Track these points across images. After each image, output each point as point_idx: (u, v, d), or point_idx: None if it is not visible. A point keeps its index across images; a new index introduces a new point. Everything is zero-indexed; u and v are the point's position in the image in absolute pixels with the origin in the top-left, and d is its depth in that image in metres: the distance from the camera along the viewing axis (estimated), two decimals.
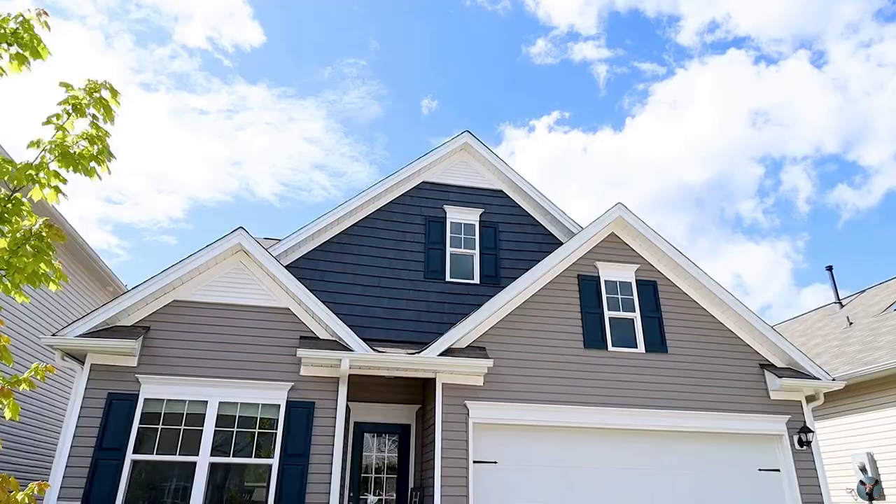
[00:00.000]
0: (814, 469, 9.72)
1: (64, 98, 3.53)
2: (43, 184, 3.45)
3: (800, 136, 46.29)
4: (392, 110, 47.47)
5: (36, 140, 3.45)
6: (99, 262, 12.80)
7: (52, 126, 3.50)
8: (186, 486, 8.09)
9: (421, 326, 10.77)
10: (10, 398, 3.69)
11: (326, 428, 8.63)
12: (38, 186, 3.44)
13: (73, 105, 3.48)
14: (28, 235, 3.37)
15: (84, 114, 3.53)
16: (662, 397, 9.74)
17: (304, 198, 51.88)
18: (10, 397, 3.69)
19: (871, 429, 12.74)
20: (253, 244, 9.28)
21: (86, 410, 8.16)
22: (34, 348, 10.43)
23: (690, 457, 9.67)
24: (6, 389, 3.67)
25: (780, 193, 50.23)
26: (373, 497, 10.02)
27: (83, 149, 3.50)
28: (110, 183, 45.75)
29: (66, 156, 3.44)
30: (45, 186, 3.46)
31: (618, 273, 10.58)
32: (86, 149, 3.51)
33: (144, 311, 8.84)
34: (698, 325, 10.46)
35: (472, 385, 9.17)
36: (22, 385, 3.86)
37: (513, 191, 12.52)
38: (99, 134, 3.56)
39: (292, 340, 9.01)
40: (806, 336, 17.73)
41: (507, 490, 8.92)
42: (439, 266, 11.53)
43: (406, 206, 11.94)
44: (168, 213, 48.59)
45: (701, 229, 56.29)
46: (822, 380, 10.12)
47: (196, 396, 8.49)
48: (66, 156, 3.44)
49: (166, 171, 46.99)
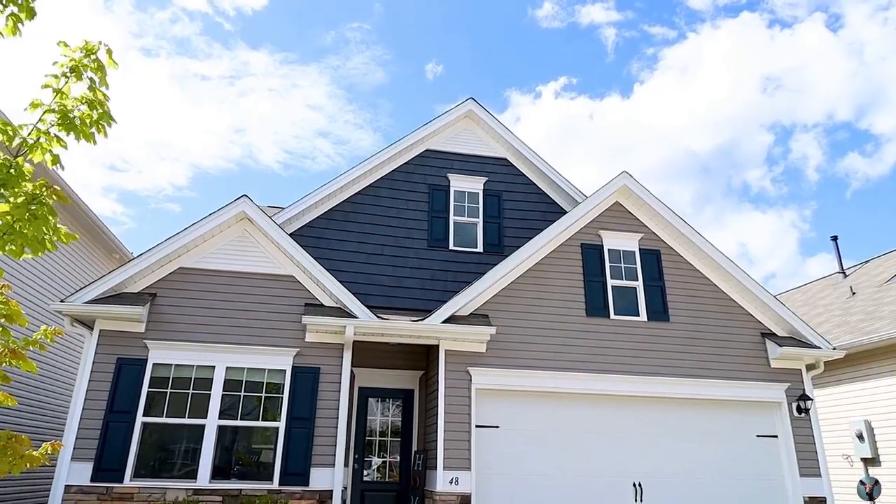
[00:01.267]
0: (811, 436, 9.88)
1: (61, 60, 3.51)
2: (45, 148, 3.46)
3: (812, 103, 45.65)
4: (396, 76, 46.92)
5: (36, 102, 3.44)
6: (104, 230, 12.87)
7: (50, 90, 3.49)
8: (196, 447, 8.30)
9: (424, 294, 10.86)
10: (23, 359, 3.78)
11: (331, 393, 8.80)
12: (40, 150, 3.45)
13: (70, 67, 3.46)
14: (30, 199, 3.40)
15: (81, 76, 3.51)
16: (663, 365, 9.86)
17: (308, 166, 51.72)
18: (22, 358, 3.78)
19: (869, 397, 12.88)
20: (257, 212, 9.32)
21: (96, 375, 8.34)
22: (43, 314, 10.58)
23: (690, 423, 9.82)
24: (18, 351, 3.75)
25: (789, 162, 49.76)
26: (377, 459, 10.26)
27: (82, 113, 3.50)
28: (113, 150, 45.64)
29: (66, 120, 3.44)
30: (46, 151, 3.47)
31: (621, 242, 10.59)
32: (85, 113, 3.51)
33: (150, 278, 8.94)
34: (700, 293, 10.51)
35: (474, 352, 9.29)
36: (31, 345, 3.95)
37: (517, 159, 12.46)
38: (98, 98, 3.55)
39: (297, 307, 9.12)
40: (808, 306, 17.79)
41: (509, 453, 9.11)
42: (443, 234, 11.57)
43: (410, 175, 11.92)
44: (172, 180, 48.59)
45: (707, 198, 55.98)
46: (822, 349, 10.20)
47: (203, 362, 8.65)
48: (66, 120, 3.44)
49: (169, 138, 46.83)
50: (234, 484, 8.23)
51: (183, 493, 7.98)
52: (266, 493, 8.12)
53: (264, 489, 8.19)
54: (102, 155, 46.05)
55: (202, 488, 8.08)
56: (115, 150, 45.33)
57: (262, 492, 8.14)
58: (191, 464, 8.28)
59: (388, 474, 10.20)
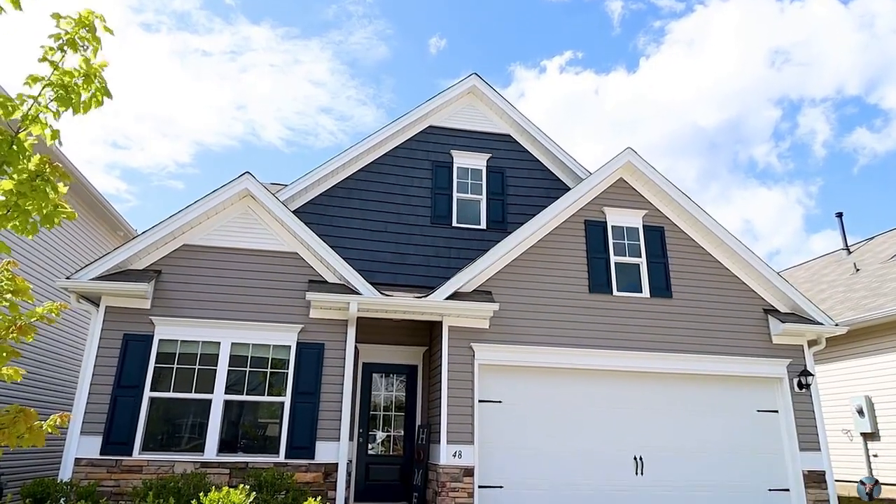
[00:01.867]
0: (811, 411, 9.96)
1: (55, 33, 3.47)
2: (44, 124, 3.45)
3: (820, 77, 45.05)
4: (399, 51, 46.41)
5: (34, 76, 3.42)
6: (108, 207, 12.89)
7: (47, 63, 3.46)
8: (203, 422, 8.43)
9: (428, 271, 10.89)
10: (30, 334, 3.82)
11: (336, 368, 8.89)
12: (39, 125, 3.44)
13: (66, 39, 3.43)
14: (33, 176, 3.40)
15: (77, 48, 3.48)
16: (666, 341, 9.91)
17: (311, 142, 51.48)
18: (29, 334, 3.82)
19: (870, 373, 12.96)
20: (260, 189, 9.32)
21: (103, 350, 8.43)
22: (48, 291, 10.66)
23: (691, 398, 9.91)
24: (27, 326, 3.79)
25: (796, 137, 49.31)
26: (381, 433, 10.41)
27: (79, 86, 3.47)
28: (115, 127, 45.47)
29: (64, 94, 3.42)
30: (45, 126, 3.46)
31: (625, 218, 10.57)
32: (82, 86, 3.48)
33: (155, 255, 8.99)
34: (704, 270, 10.52)
35: (477, 328, 9.35)
36: (37, 318, 3.99)
37: (521, 135, 12.38)
38: (94, 69, 3.52)
39: (301, 284, 9.16)
40: (812, 282, 17.79)
41: (512, 427, 9.22)
42: (446, 211, 11.56)
43: (413, 151, 11.87)
44: (175, 157, 48.46)
45: (713, 174, 55.65)
46: (825, 325, 10.23)
47: (209, 338, 8.73)
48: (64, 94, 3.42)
49: (171, 114, 46.59)
50: (240, 457, 8.37)
51: (191, 465, 8.13)
52: (272, 465, 8.26)
53: (271, 462, 8.33)
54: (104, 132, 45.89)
55: (210, 461, 8.22)
56: (117, 126, 45.18)
57: (269, 465, 8.28)
58: (198, 438, 8.41)
59: (392, 448, 10.35)
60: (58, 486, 7.25)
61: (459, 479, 8.56)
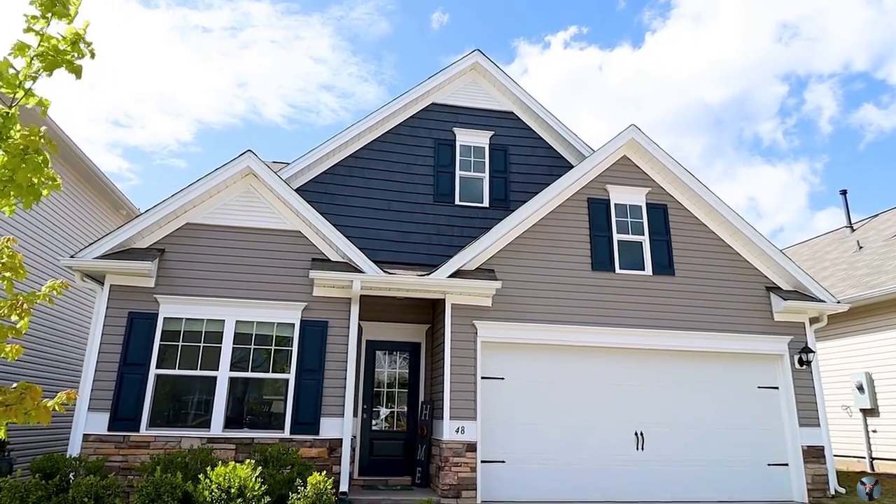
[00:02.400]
0: (811, 387, 10.03)
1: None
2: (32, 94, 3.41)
3: (828, 52, 44.48)
4: (401, 26, 45.86)
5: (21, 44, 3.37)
6: (111, 186, 12.88)
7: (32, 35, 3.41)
8: (209, 398, 8.53)
9: (430, 249, 10.90)
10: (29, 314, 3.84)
11: (340, 346, 8.96)
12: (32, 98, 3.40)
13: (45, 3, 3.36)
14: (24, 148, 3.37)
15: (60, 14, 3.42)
16: (668, 318, 9.95)
17: (313, 120, 51.17)
18: (28, 314, 3.84)
19: (871, 350, 13.01)
20: (262, 167, 9.29)
21: (108, 328, 8.50)
22: (51, 270, 10.71)
23: (692, 374, 9.98)
24: (24, 305, 3.80)
25: (803, 113, 48.87)
26: (385, 409, 10.52)
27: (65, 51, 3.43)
28: (116, 104, 45.20)
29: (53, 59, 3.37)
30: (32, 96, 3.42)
31: (628, 196, 10.54)
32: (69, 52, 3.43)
33: (158, 233, 9.00)
34: (706, 248, 10.51)
35: (480, 306, 9.39)
36: (40, 298, 4.00)
37: (524, 112, 12.29)
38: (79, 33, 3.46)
39: (304, 262, 9.19)
40: (814, 260, 17.77)
41: (514, 403, 9.31)
42: (449, 189, 11.53)
43: (415, 129, 11.80)
44: (176, 136, 48.25)
45: (717, 151, 55.29)
46: (826, 302, 10.25)
47: (213, 316, 8.79)
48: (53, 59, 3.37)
49: (172, 92, 46.27)
50: (246, 433, 8.48)
51: (197, 441, 8.24)
52: (278, 441, 8.38)
53: (276, 438, 8.44)
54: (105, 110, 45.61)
55: (216, 437, 8.33)
56: (118, 104, 44.91)
57: (274, 440, 8.39)
58: (204, 414, 8.51)
59: (396, 424, 10.47)
60: (67, 461, 7.37)
61: (462, 454, 8.68)
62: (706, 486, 9.45)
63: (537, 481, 8.99)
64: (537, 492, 8.88)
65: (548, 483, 9.00)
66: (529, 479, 8.99)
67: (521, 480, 8.95)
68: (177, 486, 6.30)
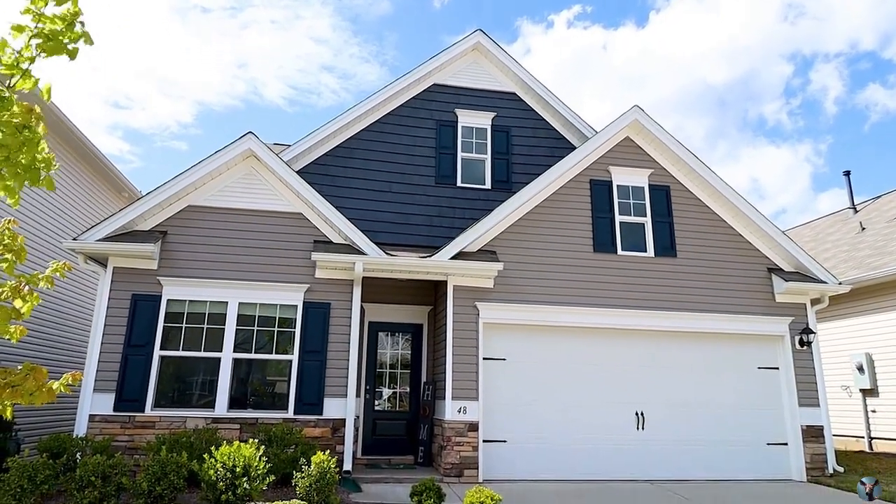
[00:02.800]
0: (812, 368, 10.07)
1: None
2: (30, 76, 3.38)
3: (835, 31, 43.96)
4: (402, 5, 45.33)
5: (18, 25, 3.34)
6: (112, 168, 12.86)
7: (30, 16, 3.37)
8: (213, 379, 8.60)
9: (432, 231, 10.90)
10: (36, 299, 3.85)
11: (342, 327, 9.01)
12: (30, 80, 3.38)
13: None
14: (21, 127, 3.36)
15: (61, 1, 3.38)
16: (669, 300, 9.97)
17: (314, 101, 50.87)
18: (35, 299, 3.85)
19: (872, 331, 13.05)
20: (263, 149, 9.27)
21: (112, 311, 8.54)
22: (54, 252, 10.74)
23: (693, 355, 10.03)
24: (28, 288, 3.82)
25: (808, 94, 48.45)
26: (388, 390, 10.61)
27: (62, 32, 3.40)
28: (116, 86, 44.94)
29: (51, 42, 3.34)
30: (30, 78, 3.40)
31: (631, 178, 10.51)
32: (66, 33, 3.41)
33: (160, 216, 9.01)
34: (708, 229, 10.50)
35: (482, 287, 9.42)
36: (42, 282, 4.02)
37: (526, 93, 12.20)
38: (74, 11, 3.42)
39: (306, 244, 9.21)
40: (816, 241, 17.74)
41: (516, 384, 9.38)
42: (450, 171, 11.49)
43: (416, 110, 11.73)
44: (177, 117, 48.03)
45: (721, 132, 54.94)
46: (828, 284, 10.26)
47: (216, 297, 8.83)
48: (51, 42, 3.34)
49: (172, 73, 45.96)
50: (250, 413, 8.57)
51: (202, 421, 8.33)
52: (282, 421, 8.46)
53: (280, 418, 8.53)
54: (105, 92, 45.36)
55: (220, 417, 8.42)
56: (118, 86, 44.65)
57: (278, 420, 8.48)
58: (208, 395, 8.59)
59: (399, 404, 10.56)
60: (73, 441, 7.45)
61: (464, 434, 8.77)
62: (706, 465, 9.55)
63: (539, 460, 9.08)
64: (539, 471, 8.98)
65: (549, 462, 9.10)
66: (531, 458, 9.09)
67: (522, 459, 9.05)
68: (182, 465, 6.38)
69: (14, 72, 3.36)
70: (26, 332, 4.04)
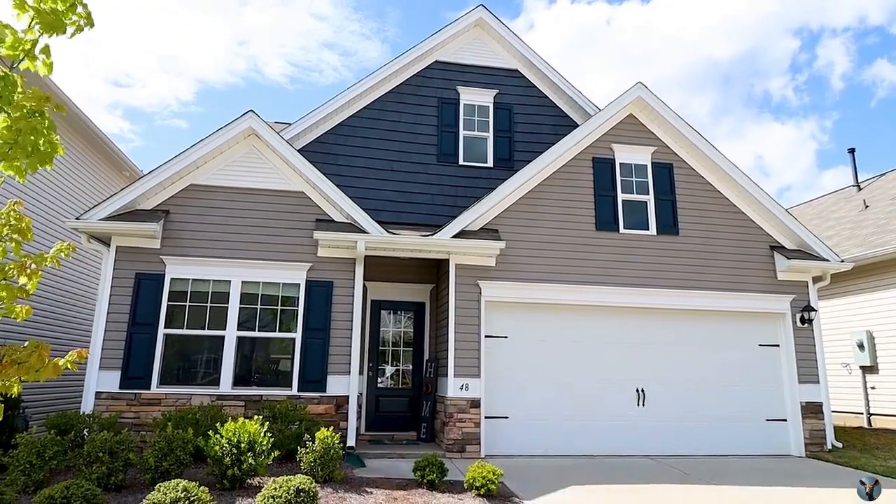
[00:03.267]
0: (812, 345, 10.12)
1: None
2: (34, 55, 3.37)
3: (842, 5, 43.31)
4: None
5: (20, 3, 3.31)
6: (113, 147, 12.82)
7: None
8: (217, 357, 8.68)
9: (434, 209, 10.89)
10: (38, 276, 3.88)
11: (345, 305, 9.05)
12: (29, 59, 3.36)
13: None
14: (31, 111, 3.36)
15: None
16: (671, 278, 9.99)
17: (315, 79, 50.45)
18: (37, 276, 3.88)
19: (873, 308, 13.08)
20: (264, 127, 9.23)
21: (116, 289, 8.60)
22: (57, 232, 10.76)
23: (694, 332, 10.07)
24: (33, 266, 3.85)
25: (814, 69, 47.91)
26: (390, 367, 10.70)
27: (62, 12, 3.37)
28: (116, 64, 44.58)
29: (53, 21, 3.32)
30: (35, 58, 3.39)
31: (633, 155, 10.45)
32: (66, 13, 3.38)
33: (162, 195, 9.01)
34: (711, 207, 10.47)
35: (484, 266, 9.44)
36: (48, 261, 4.05)
37: (529, 70, 12.09)
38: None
39: (308, 223, 9.22)
40: (820, 219, 17.69)
41: (518, 361, 9.45)
42: (452, 149, 11.44)
43: (418, 88, 11.64)
44: (177, 95, 47.72)
45: (726, 109, 54.45)
46: (830, 261, 10.25)
47: (219, 276, 8.87)
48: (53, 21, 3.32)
49: (172, 51, 45.55)
50: (255, 390, 8.66)
51: (207, 398, 8.42)
52: (286, 398, 8.55)
53: (284, 395, 8.62)
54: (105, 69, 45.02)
55: (225, 394, 8.51)
56: (118, 64, 44.29)
57: (282, 397, 8.57)
58: (213, 372, 8.68)
59: (402, 381, 10.66)
60: (80, 417, 7.55)
61: (466, 411, 8.86)
62: (706, 441, 9.64)
63: (540, 437, 9.19)
64: (540, 446, 9.09)
65: (551, 438, 9.20)
66: (532, 434, 9.19)
67: (524, 436, 9.15)
68: (188, 440, 6.47)
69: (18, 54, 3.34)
70: (32, 312, 4.08)
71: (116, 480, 6.11)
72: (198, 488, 5.32)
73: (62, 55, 39.94)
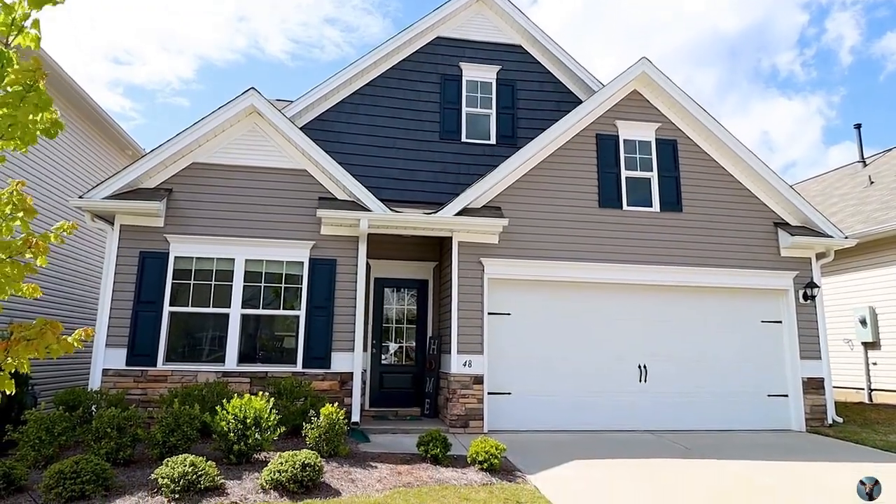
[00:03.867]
0: (815, 321, 10.14)
1: None
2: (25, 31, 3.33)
3: None
4: None
5: None
6: (115, 126, 12.77)
7: None
8: (222, 335, 8.76)
9: (437, 187, 10.86)
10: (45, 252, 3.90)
11: (348, 283, 9.09)
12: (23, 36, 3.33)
13: None
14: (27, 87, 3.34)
15: None
16: (674, 255, 9.98)
17: (317, 55, 49.98)
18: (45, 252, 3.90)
19: (876, 284, 13.08)
20: (266, 105, 9.17)
21: (121, 268, 8.64)
22: (60, 211, 10.78)
23: (696, 309, 10.10)
24: (41, 244, 3.86)
25: (823, 43, 47.24)
26: (394, 345, 10.78)
27: None
28: (116, 41, 44.19)
29: None
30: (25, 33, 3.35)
31: (637, 132, 10.38)
32: None
33: (165, 173, 9.00)
34: (715, 184, 10.42)
35: (487, 243, 9.44)
36: (51, 239, 4.06)
37: (532, 45, 11.95)
38: None
39: (312, 201, 9.21)
40: (824, 195, 17.60)
41: (520, 338, 9.50)
42: (455, 126, 11.37)
43: (420, 64, 11.53)
44: (178, 73, 47.38)
45: (731, 84, 53.84)
46: (834, 238, 10.22)
47: (223, 254, 8.91)
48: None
49: (172, 27, 45.10)
50: (260, 367, 8.75)
51: (213, 375, 8.52)
52: (291, 374, 8.64)
53: (288, 371, 8.71)
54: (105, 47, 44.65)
55: (230, 371, 8.60)
56: (117, 41, 43.90)
57: (287, 374, 8.66)
58: (218, 350, 8.76)
59: (405, 358, 10.74)
60: (88, 394, 7.65)
61: (469, 387, 8.94)
62: (707, 416, 9.73)
63: (543, 412, 9.28)
64: (543, 422, 9.18)
65: (553, 414, 9.29)
66: (535, 410, 9.28)
67: (527, 411, 9.25)
68: (195, 416, 6.56)
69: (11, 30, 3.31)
70: (40, 292, 4.11)
71: (125, 455, 6.21)
72: (205, 463, 5.41)
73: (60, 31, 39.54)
